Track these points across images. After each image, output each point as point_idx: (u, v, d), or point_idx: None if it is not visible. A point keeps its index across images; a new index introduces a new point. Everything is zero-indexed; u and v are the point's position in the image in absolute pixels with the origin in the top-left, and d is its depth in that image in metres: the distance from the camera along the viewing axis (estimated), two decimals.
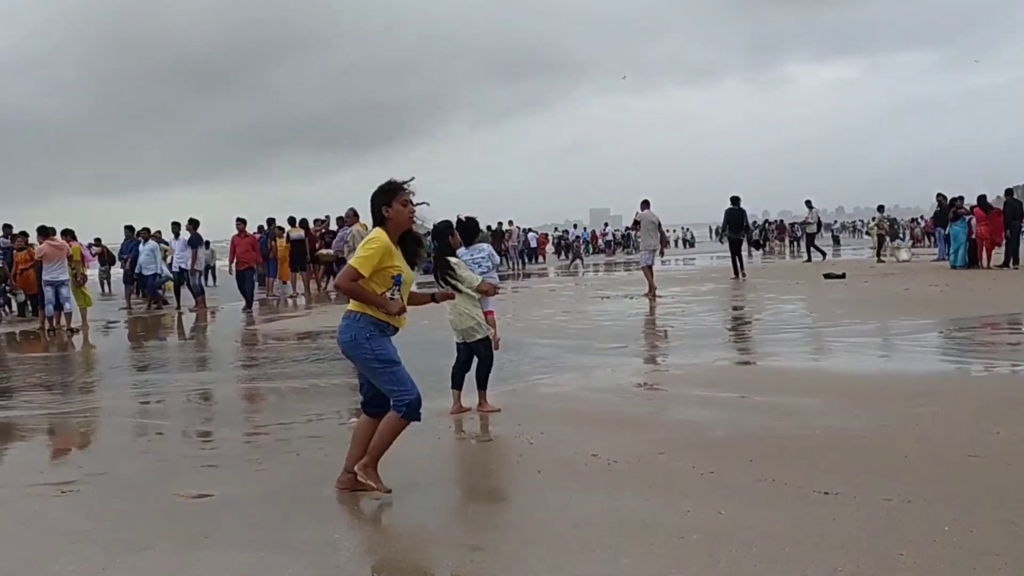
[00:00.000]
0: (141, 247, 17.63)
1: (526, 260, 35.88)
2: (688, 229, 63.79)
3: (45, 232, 13.73)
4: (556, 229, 58.31)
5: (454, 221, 6.71)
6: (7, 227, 17.05)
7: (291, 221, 20.29)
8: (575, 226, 50.24)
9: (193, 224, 17.61)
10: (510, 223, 34.38)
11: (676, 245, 55.95)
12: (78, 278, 14.17)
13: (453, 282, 6.13)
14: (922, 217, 55.38)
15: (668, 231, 59.77)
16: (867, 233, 51.68)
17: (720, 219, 22.76)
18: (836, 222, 73.03)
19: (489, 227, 35.16)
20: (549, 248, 46.00)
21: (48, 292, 13.46)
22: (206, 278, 22.64)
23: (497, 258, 6.66)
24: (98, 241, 25.36)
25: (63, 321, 13.91)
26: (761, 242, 24.63)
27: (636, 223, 17.60)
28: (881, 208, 29.03)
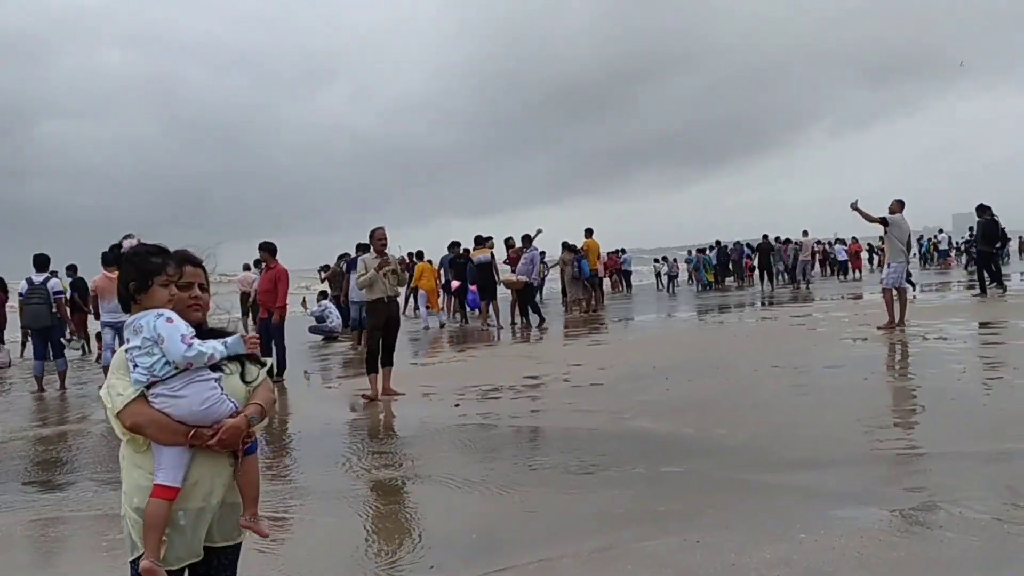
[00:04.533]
0: None
1: (806, 274, 29.71)
2: None
3: (107, 262, 11.20)
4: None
5: None
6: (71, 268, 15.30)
7: (478, 240, 16.97)
8: (941, 231, 41.97)
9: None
10: (804, 234, 28.57)
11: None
12: None
13: None
14: None
15: None
16: None
17: None
18: None
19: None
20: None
21: (107, 336, 11.04)
22: None
23: (189, 351, 2.42)
24: (325, 267, 24.21)
25: None
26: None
27: (884, 223, 11.97)
28: None
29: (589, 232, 20.51)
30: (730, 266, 32.98)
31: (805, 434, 6.08)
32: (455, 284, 17.86)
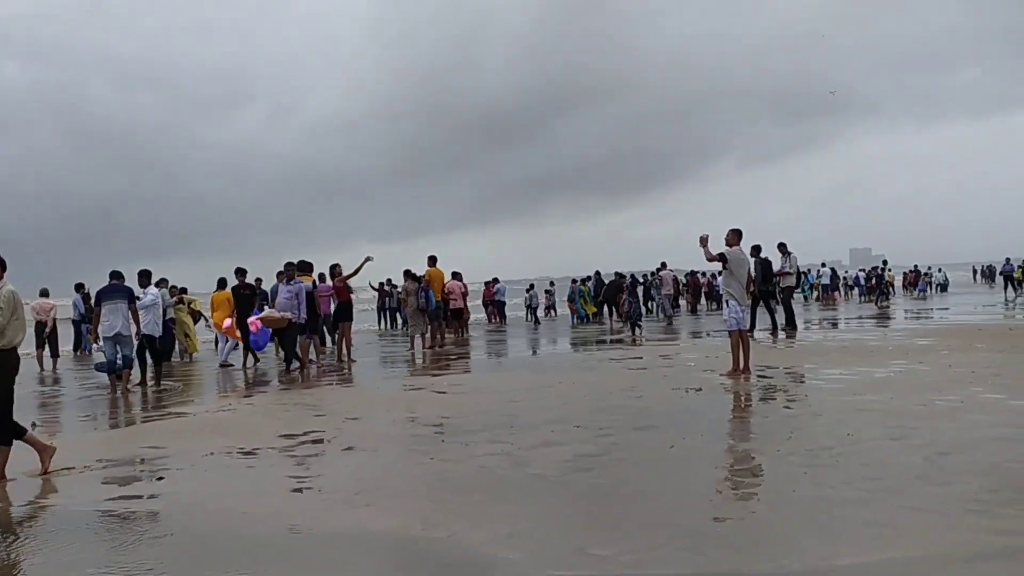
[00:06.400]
0: None
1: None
2: (940, 269, 51.06)
3: None
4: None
5: None
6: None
7: (301, 266, 14.98)
8: (823, 265, 41.84)
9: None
10: (663, 266, 27.51)
11: (931, 291, 45.47)
12: None
13: None
14: None
15: (924, 271, 48.35)
16: None
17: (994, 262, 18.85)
18: None
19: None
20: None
21: None
22: None
23: None
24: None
25: None
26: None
27: (723, 260, 10.58)
28: None
29: (432, 260, 18.75)
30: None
31: (549, 538, 4.41)
32: (227, 323, 15.65)
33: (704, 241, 10.42)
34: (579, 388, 10.15)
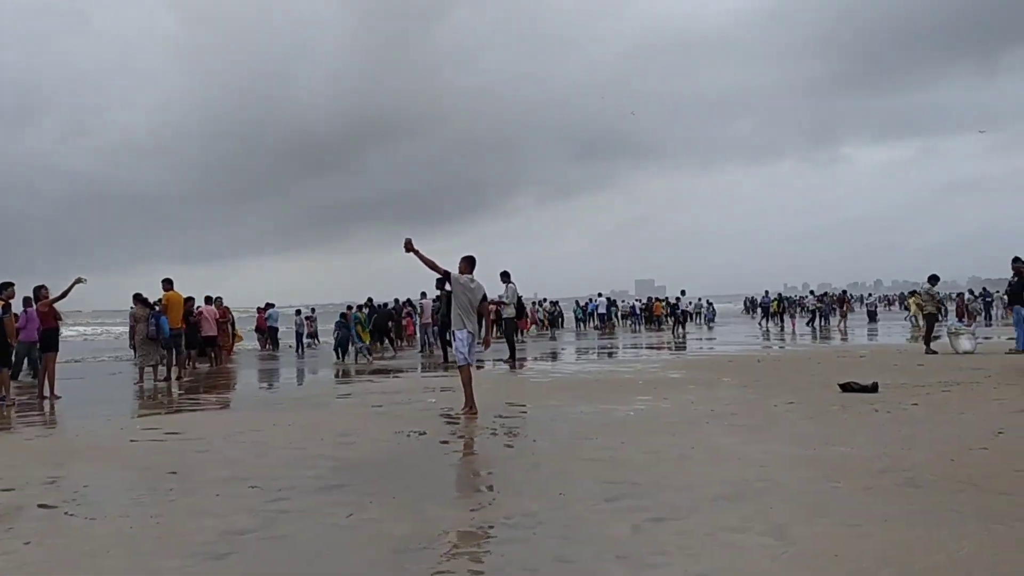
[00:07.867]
0: None
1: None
2: (708, 301, 53.10)
3: None
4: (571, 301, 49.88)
5: None
6: None
7: (36, 293, 12.62)
8: (600, 294, 44.89)
9: None
10: (423, 295, 26.42)
11: (693, 320, 47.27)
12: None
13: None
14: (973, 292, 47.03)
15: (690, 303, 49.97)
16: (907, 308, 42.84)
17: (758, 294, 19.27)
18: (871, 295, 63.93)
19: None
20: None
21: None
22: None
23: None
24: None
25: None
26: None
27: (446, 279, 9.83)
28: (934, 279, 18.95)
29: (168, 284, 16.67)
30: (389, 325, 30.38)
31: None
32: None
33: (409, 244, 9.34)
34: (291, 432, 8.77)
